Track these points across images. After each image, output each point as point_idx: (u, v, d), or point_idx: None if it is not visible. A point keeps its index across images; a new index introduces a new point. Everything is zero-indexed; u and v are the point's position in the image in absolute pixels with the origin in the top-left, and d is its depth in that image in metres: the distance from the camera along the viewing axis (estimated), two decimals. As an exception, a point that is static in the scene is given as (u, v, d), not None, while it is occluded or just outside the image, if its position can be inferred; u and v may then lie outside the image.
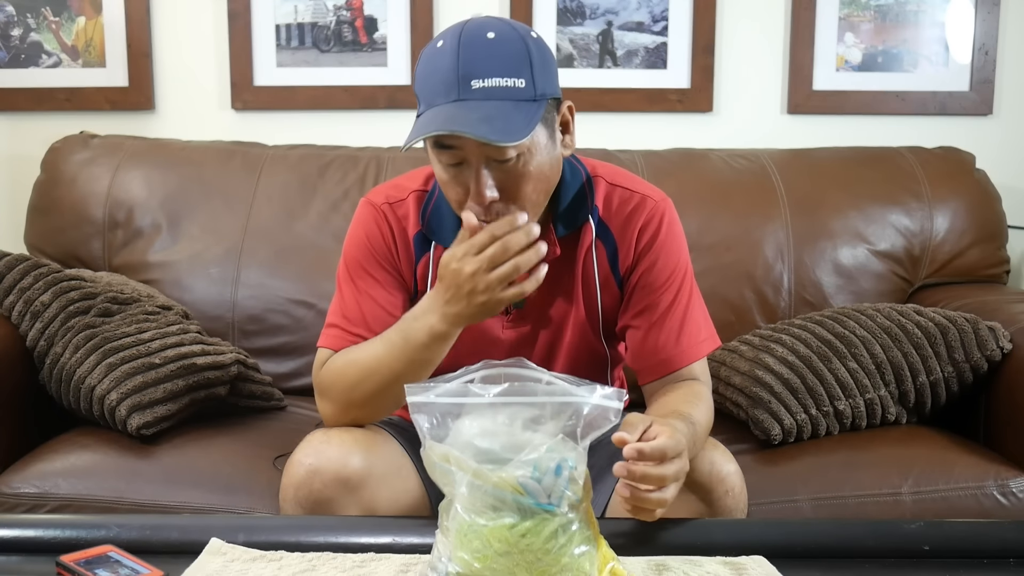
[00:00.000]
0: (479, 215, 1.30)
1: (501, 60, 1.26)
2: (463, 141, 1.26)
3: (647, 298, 1.45)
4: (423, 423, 1.02)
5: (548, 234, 1.43)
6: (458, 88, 1.25)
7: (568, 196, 1.44)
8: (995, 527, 1.29)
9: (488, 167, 1.28)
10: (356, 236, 1.48)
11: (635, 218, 1.46)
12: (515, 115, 1.25)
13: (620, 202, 1.46)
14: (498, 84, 1.25)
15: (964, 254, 2.31)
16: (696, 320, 1.46)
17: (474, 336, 1.45)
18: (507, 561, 0.97)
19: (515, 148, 1.27)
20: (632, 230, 1.45)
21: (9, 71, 2.51)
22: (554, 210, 1.43)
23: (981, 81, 2.56)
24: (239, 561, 1.11)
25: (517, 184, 1.30)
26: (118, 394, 1.75)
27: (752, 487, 1.42)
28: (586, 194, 1.45)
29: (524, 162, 1.29)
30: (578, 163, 1.48)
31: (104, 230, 2.24)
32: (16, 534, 1.18)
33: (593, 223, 1.45)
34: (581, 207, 1.45)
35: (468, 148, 1.27)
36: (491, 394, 1.01)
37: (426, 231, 1.45)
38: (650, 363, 1.44)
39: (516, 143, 1.25)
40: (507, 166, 1.28)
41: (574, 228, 1.45)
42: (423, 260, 1.46)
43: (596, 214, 1.46)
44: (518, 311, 1.47)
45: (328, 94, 2.52)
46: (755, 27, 2.55)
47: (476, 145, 1.25)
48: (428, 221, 1.45)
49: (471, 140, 1.24)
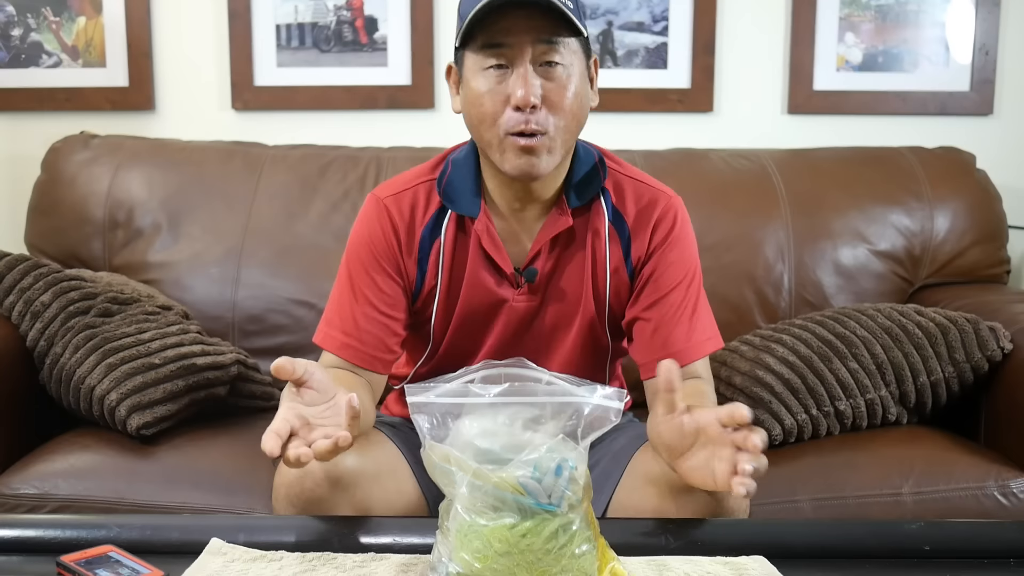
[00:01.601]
0: (518, 125, 1.33)
1: None
2: (514, 40, 1.31)
3: (658, 292, 1.46)
4: (423, 423, 1.02)
5: (560, 204, 1.46)
6: None
7: (582, 170, 1.47)
8: (995, 527, 1.29)
9: (535, 71, 1.33)
10: (359, 233, 1.49)
11: (650, 211, 1.48)
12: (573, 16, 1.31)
13: (635, 194, 1.49)
14: None
15: (964, 254, 2.31)
16: (703, 319, 1.47)
17: (486, 302, 1.48)
18: (507, 561, 0.97)
19: (561, 55, 1.33)
20: (647, 223, 1.47)
21: (9, 71, 2.51)
22: (568, 181, 1.46)
23: (981, 81, 2.56)
24: (239, 561, 1.11)
25: (560, 95, 1.34)
26: (118, 394, 1.75)
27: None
28: (598, 171, 1.48)
29: (568, 75, 1.34)
30: (590, 146, 1.51)
31: (104, 230, 2.24)
32: (16, 534, 1.18)
33: (606, 207, 1.48)
34: (593, 182, 1.47)
35: (520, 45, 1.32)
36: (491, 394, 1.01)
37: (444, 200, 1.47)
38: (658, 357, 1.44)
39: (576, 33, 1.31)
40: (553, 72, 1.33)
41: (586, 201, 1.47)
42: (434, 247, 1.47)
43: (609, 199, 1.48)
44: (529, 284, 1.48)
45: (328, 94, 2.52)
46: (755, 27, 2.55)
47: (527, 44, 1.31)
48: (445, 190, 1.47)
49: (522, 39, 1.31)
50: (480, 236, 1.46)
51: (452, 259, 1.47)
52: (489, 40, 1.33)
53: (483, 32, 1.33)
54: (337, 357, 1.44)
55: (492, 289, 1.48)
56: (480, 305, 1.48)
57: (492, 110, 1.35)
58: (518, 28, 1.31)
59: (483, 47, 1.34)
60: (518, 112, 1.33)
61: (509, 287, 1.48)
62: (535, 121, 1.33)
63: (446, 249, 1.47)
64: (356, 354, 1.43)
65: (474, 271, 1.47)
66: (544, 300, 1.50)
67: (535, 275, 1.47)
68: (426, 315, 1.51)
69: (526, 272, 1.47)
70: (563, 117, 1.35)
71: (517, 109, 1.33)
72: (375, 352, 1.44)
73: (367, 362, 1.44)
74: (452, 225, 1.47)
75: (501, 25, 1.31)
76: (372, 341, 1.44)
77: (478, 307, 1.47)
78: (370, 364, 1.44)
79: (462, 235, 1.47)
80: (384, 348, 1.45)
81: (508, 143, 1.35)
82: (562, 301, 1.50)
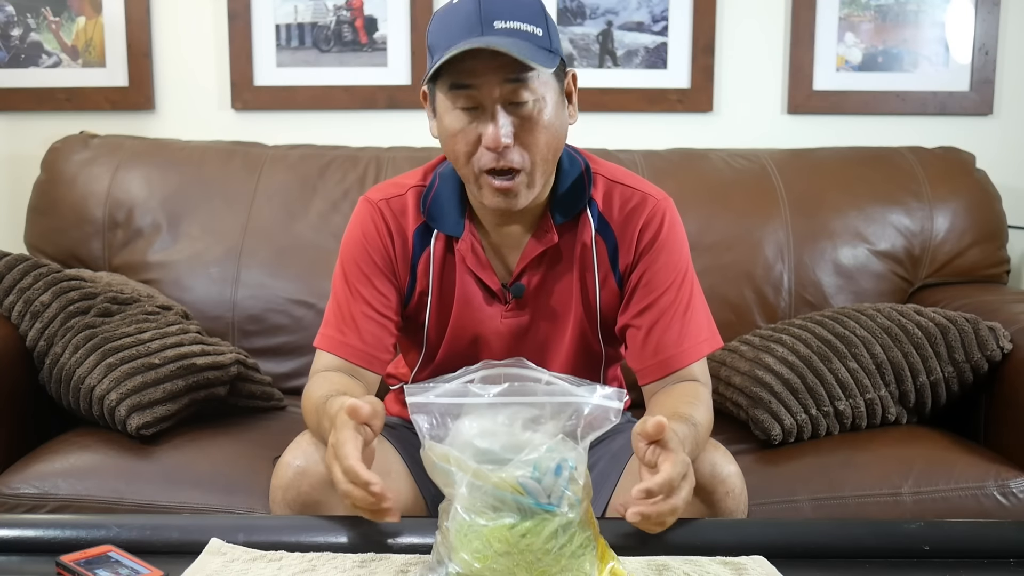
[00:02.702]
0: (491, 163, 1.33)
1: (521, 7, 1.32)
2: (481, 81, 1.29)
3: (648, 298, 1.44)
4: (423, 423, 1.02)
5: (545, 221, 1.45)
6: (481, 28, 1.29)
7: (566, 183, 1.45)
8: (995, 527, 1.29)
9: (505, 110, 1.31)
10: (353, 234, 1.49)
11: (636, 216, 1.46)
12: (538, 54, 1.30)
13: (621, 200, 1.47)
14: (519, 27, 1.30)
15: (964, 254, 2.31)
16: (697, 320, 1.45)
17: (470, 325, 1.47)
18: (507, 561, 0.97)
19: (530, 92, 1.31)
20: (633, 228, 1.46)
21: (9, 71, 2.51)
22: (552, 196, 1.45)
23: (981, 81, 2.56)
24: (239, 561, 1.11)
25: (532, 131, 1.33)
26: (118, 394, 1.75)
27: (752, 487, 1.42)
28: (584, 183, 1.46)
29: (539, 109, 1.33)
30: (576, 153, 1.49)
31: (104, 230, 2.24)
32: (16, 534, 1.18)
33: (592, 218, 1.46)
34: (579, 195, 1.45)
35: (485, 89, 1.30)
36: (491, 394, 1.01)
37: (427, 219, 1.46)
38: (651, 363, 1.44)
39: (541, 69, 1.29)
40: (523, 111, 1.32)
41: (571, 216, 1.45)
42: (424, 255, 1.47)
43: (595, 208, 1.46)
44: (516, 300, 1.47)
45: (328, 94, 2.52)
46: (755, 27, 2.55)
47: (494, 84, 1.29)
48: (429, 209, 1.46)
49: (489, 80, 1.29)
50: (464, 256, 1.46)
51: (441, 270, 1.47)
52: (456, 80, 1.31)
53: (450, 72, 1.31)
54: (335, 357, 1.44)
55: (481, 304, 1.48)
56: (471, 319, 1.47)
57: (466, 149, 1.34)
58: (484, 68, 1.29)
59: (451, 87, 1.32)
60: (492, 151, 1.32)
61: (498, 303, 1.48)
62: (509, 160, 1.33)
63: (435, 260, 1.47)
64: (354, 352, 1.43)
65: (463, 285, 1.47)
66: (534, 314, 1.49)
67: (523, 291, 1.47)
68: (419, 321, 1.51)
69: (513, 288, 1.47)
70: (537, 152, 1.34)
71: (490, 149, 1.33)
72: (373, 351, 1.44)
73: (365, 360, 1.43)
74: (440, 240, 1.47)
75: (467, 65, 1.29)
76: (370, 339, 1.43)
77: (469, 321, 1.47)
78: (368, 363, 1.44)
79: (449, 252, 1.47)
80: (381, 347, 1.45)
81: (484, 180, 1.35)
82: (552, 314, 1.49)
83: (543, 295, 1.48)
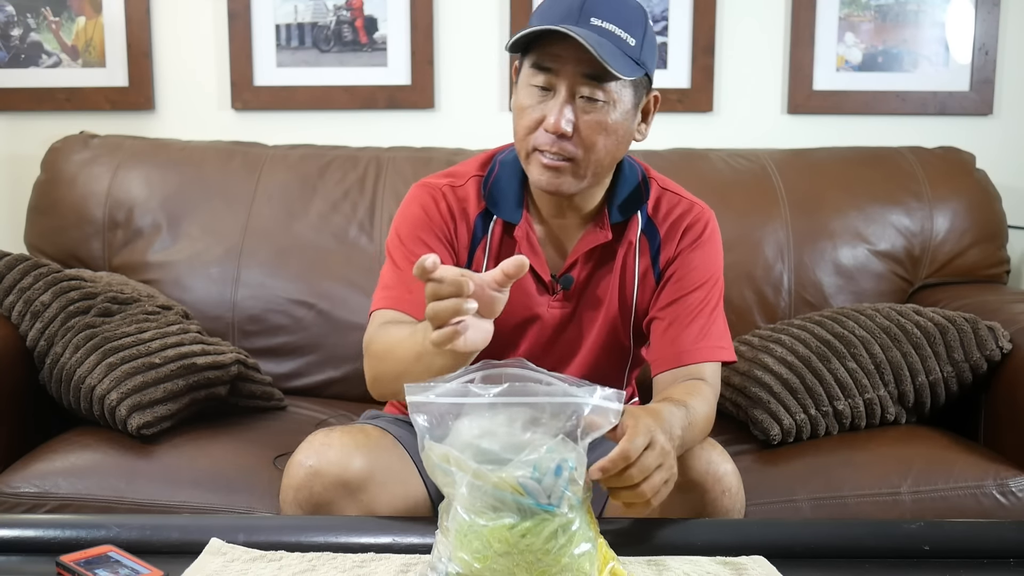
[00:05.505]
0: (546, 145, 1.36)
1: (623, 13, 1.35)
2: (560, 67, 1.33)
3: (677, 292, 1.48)
4: (423, 423, 1.02)
5: (601, 217, 1.49)
6: (577, 17, 1.33)
7: (627, 188, 1.50)
8: (995, 527, 1.30)
9: (574, 102, 1.35)
10: (410, 210, 1.49)
11: (682, 219, 1.51)
12: (621, 60, 1.33)
13: (669, 206, 1.52)
14: (613, 30, 1.33)
15: (964, 254, 2.31)
16: (719, 326, 1.49)
17: (518, 311, 1.48)
18: (507, 561, 0.97)
19: (605, 92, 1.34)
20: (677, 228, 1.51)
21: (9, 71, 2.50)
22: (609, 197, 1.49)
23: (981, 81, 2.56)
24: (239, 561, 1.11)
25: (593, 131, 1.36)
26: (118, 394, 1.76)
27: (751, 487, 1.42)
28: (642, 191, 1.51)
29: (607, 112, 1.36)
30: (635, 162, 1.54)
31: (104, 230, 2.25)
32: (16, 534, 1.18)
33: (641, 220, 1.51)
34: (637, 199, 1.50)
35: (562, 76, 1.34)
36: (491, 394, 1.01)
37: (488, 204, 1.49)
38: (666, 354, 1.46)
39: (618, 77, 1.32)
40: (591, 108, 1.35)
41: (627, 217, 1.50)
42: (482, 242, 1.50)
43: (645, 211, 1.51)
44: (565, 291, 1.50)
45: (328, 94, 2.52)
46: (755, 27, 2.55)
47: (572, 75, 1.33)
48: (490, 193, 1.49)
49: (568, 69, 1.33)
50: (520, 242, 1.48)
51: (498, 255, 1.49)
52: (539, 61, 1.36)
53: (537, 50, 1.36)
54: (397, 312, 1.40)
55: (532, 293, 1.50)
56: (520, 306, 1.49)
57: (528, 124, 1.39)
58: (567, 57, 1.34)
59: (534, 65, 1.37)
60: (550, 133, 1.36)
61: (547, 293, 1.51)
62: (563, 147, 1.36)
63: (492, 245, 1.49)
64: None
65: None
66: (576, 307, 1.52)
67: (571, 283, 1.50)
68: None
69: (563, 279, 1.50)
70: (594, 151, 1.38)
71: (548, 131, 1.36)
72: None
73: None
74: (499, 225, 1.50)
75: (555, 49, 1.34)
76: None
77: (518, 307, 1.48)
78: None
79: (507, 237, 1.50)
80: None
81: (534, 157, 1.40)
82: (592, 308, 1.52)
83: (587, 289, 1.51)
